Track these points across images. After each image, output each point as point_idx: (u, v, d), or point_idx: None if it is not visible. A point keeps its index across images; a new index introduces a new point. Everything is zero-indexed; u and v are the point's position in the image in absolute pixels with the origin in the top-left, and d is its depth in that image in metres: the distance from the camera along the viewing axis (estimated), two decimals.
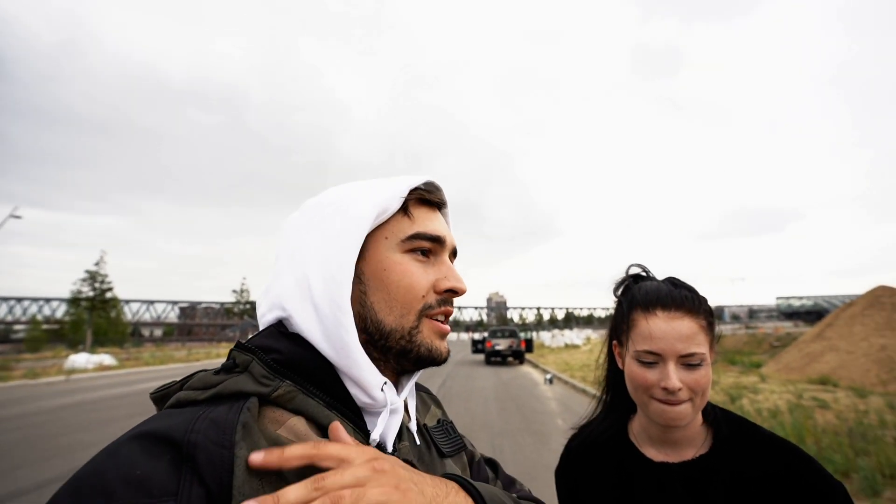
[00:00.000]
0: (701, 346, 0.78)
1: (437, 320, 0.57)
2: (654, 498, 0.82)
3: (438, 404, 0.75)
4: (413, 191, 0.59)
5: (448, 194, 0.65)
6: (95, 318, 44.44)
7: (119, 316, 52.02)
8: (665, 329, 0.78)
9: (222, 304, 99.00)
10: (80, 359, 19.44)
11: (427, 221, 0.59)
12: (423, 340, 0.56)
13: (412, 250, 0.57)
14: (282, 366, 0.50)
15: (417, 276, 0.56)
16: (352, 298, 0.54)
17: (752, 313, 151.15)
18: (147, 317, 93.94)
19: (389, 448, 0.55)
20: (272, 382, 0.48)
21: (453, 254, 0.63)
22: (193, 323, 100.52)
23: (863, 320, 12.84)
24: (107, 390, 12.53)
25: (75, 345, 36.44)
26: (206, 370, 0.52)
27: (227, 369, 0.50)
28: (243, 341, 0.54)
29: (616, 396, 0.96)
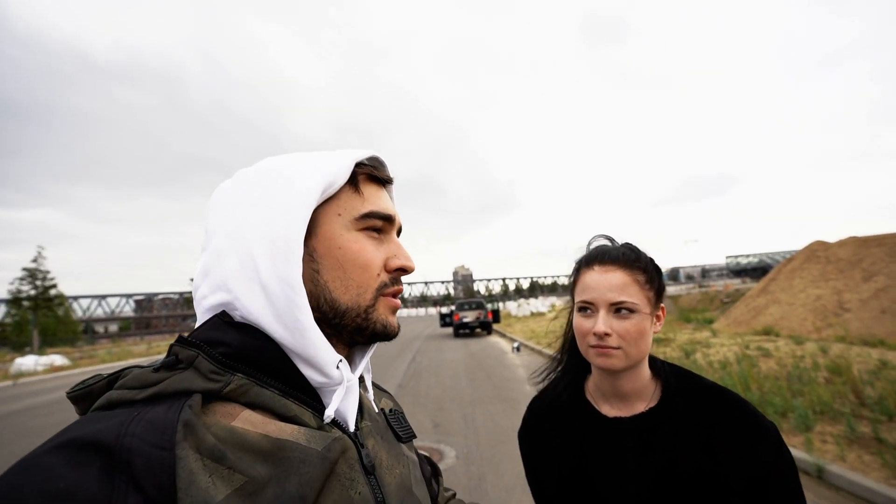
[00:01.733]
0: (632, 297, 0.83)
1: (391, 297, 0.57)
2: (609, 451, 0.86)
3: (390, 397, 0.75)
4: (361, 166, 0.57)
5: (405, 170, 0.67)
6: (41, 317, 41.75)
7: (68, 313, 49.08)
8: (598, 280, 0.85)
9: (181, 293, 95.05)
10: (27, 361, 18.23)
11: (378, 200, 0.57)
12: (379, 317, 0.55)
13: (365, 228, 0.55)
14: (231, 359, 0.47)
15: (372, 254, 0.55)
16: (303, 277, 0.52)
17: (705, 273, 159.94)
18: (100, 312, 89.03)
19: (351, 426, 0.53)
20: (222, 377, 0.46)
21: (399, 232, 0.62)
22: (151, 315, 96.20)
23: (801, 274, 13.86)
24: (60, 392, 11.89)
25: (20, 347, 34.18)
26: (140, 366, 0.47)
27: (168, 366, 0.46)
28: (182, 334, 0.50)
29: (573, 357, 1.00)
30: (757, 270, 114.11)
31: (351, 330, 0.54)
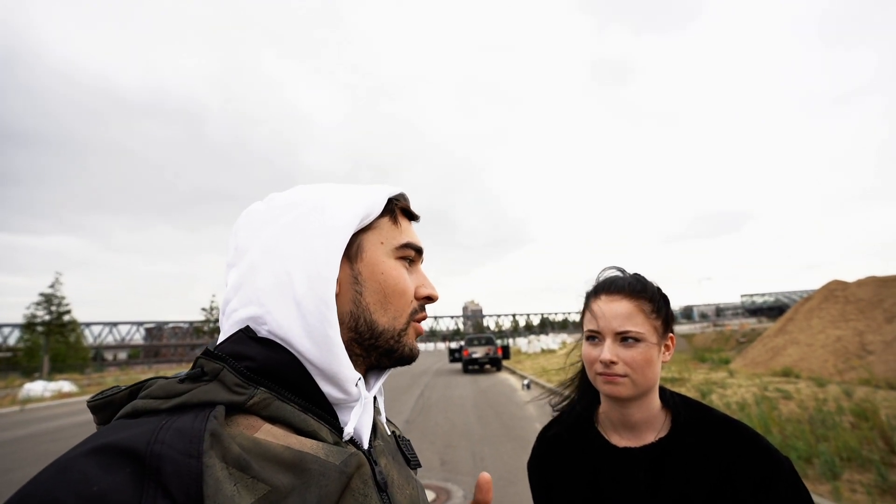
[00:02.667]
0: (638, 326, 0.85)
1: (418, 324, 0.61)
2: (618, 481, 0.86)
3: (394, 425, 0.76)
4: (398, 202, 0.62)
5: (417, 204, 0.69)
6: (53, 343, 42.08)
7: (79, 340, 49.34)
8: (604, 309, 0.88)
9: (191, 322, 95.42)
10: (35, 387, 18.28)
11: (412, 232, 0.63)
12: (408, 341, 0.59)
13: (402, 258, 0.60)
14: (255, 373, 0.49)
15: (408, 281, 0.59)
16: (345, 298, 0.55)
17: (720, 311, 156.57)
18: (110, 339, 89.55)
19: (365, 444, 0.55)
20: (246, 391, 0.47)
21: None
22: (160, 344, 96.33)
23: (819, 314, 13.52)
24: (66, 419, 11.85)
25: (30, 373, 34.30)
26: (165, 377, 0.49)
27: (193, 378, 0.48)
28: (208, 346, 0.51)
29: (584, 388, 1.01)
30: (773, 310, 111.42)
31: (382, 351, 0.57)
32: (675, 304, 0.96)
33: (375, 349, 0.57)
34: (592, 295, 0.93)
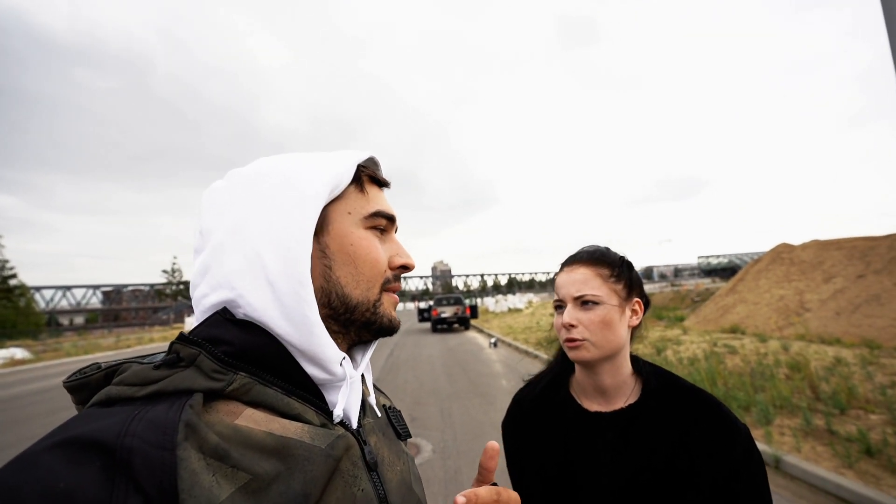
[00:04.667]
0: (594, 290, 0.90)
1: (392, 293, 0.59)
2: (588, 444, 0.90)
3: (387, 396, 0.75)
4: (363, 168, 0.59)
5: (384, 163, 0.65)
6: (0, 308, 39.87)
7: (30, 305, 46.96)
8: (565, 279, 0.94)
9: (152, 285, 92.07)
10: None
11: (381, 200, 0.60)
12: (385, 312, 0.57)
13: (372, 227, 0.57)
14: (233, 357, 0.47)
15: (380, 251, 0.57)
16: (315, 273, 0.52)
17: (678, 272, 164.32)
18: (65, 304, 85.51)
19: (354, 423, 0.54)
20: (225, 376, 0.45)
21: (395, 231, 0.64)
22: (120, 308, 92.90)
23: (767, 274, 14.42)
24: (21, 387, 11.43)
25: None
26: (139, 361, 0.47)
27: (169, 364, 0.45)
28: (188, 325, 0.49)
29: (561, 354, 1.04)
30: (726, 270, 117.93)
31: (360, 325, 0.55)
32: (638, 265, 0.99)
33: (352, 323, 0.55)
34: (560, 269, 0.98)
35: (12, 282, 42.55)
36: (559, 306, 0.94)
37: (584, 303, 0.89)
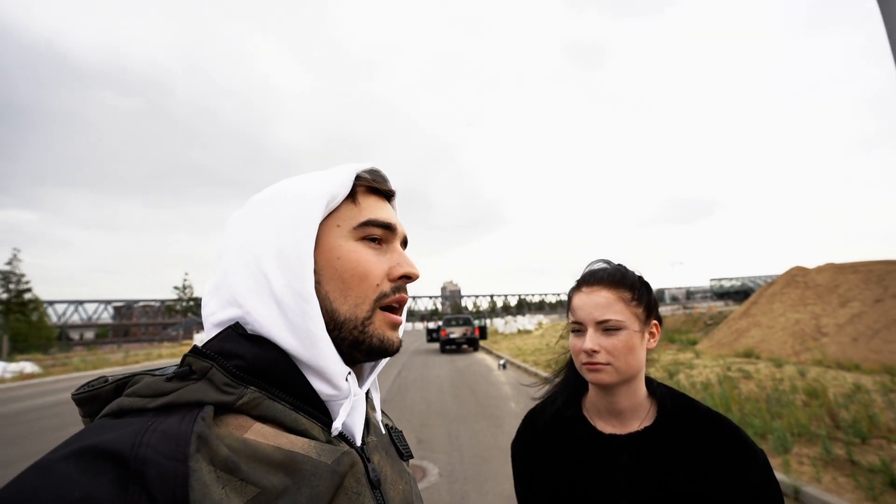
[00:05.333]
0: (617, 314, 0.87)
1: (391, 309, 0.56)
2: (603, 467, 0.88)
3: (387, 416, 0.75)
4: (361, 180, 0.58)
5: (393, 183, 0.64)
6: (13, 322, 40.41)
7: (42, 319, 47.49)
8: (585, 300, 0.90)
9: (163, 301, 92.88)
10: None
11: (376, 209, 0.57)
12: (376, 331, 0.54)
13: (365, 238, 0.55)
14: (245, 372, 0.47)
15: (372, 263, 0.54)
16: None
17: (690, 294, 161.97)
18: (76, 318, 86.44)
19: (358, 441, 0.54)
20: (236, 390, 0.46)
21: (404, 243, 0.61)
22: (130, 323, 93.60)
23: (781, 298, 14.16)
24: (29, 401, 11.49)
25: None
26: (152, 373, 0.47)
27: (181, 376, 0.46)
28: (197, 342, 0.50)
29: (572, 375, 1.02)
30: (739, 293, 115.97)
31: (349, 343, 0.53)
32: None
33: (342, 341, 0.53)
34: (575, 288, 0.95)
35: (27, 296, 43.20)
36: (578, 330, 0.91)
37: (606, 328, 0.86)
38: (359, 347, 0.53)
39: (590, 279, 0.93)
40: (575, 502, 0.88)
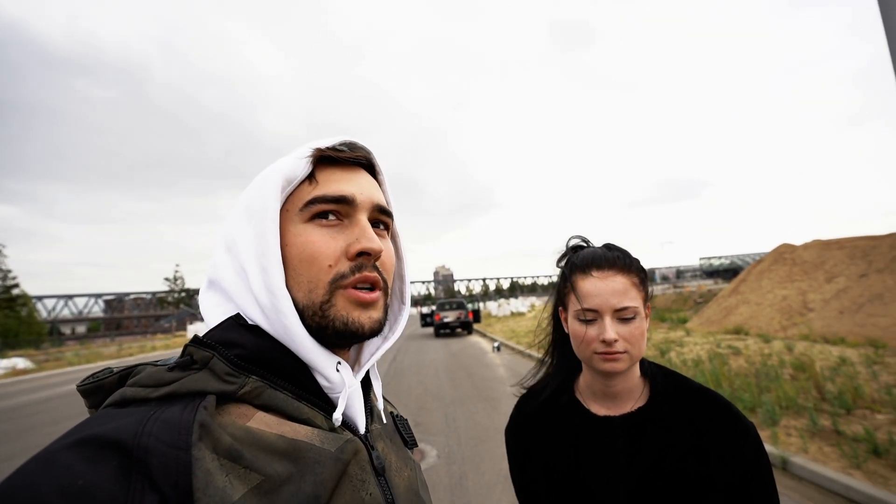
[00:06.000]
0: (633, 301, 0.84)
1: (357, 289, 0.51)
2: (599, 449, 0.88)
3: (391, 405, 0.74)
4: (319, 155, 0.53)
5: (385, 170, 0.60)
6: (2, 318, 39.94)
7: (32, 314, 47.02)
8: (600, 287, 0.85)
9: (154, 293, 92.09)
10: None
11: (333, 183, 0.52)
12: (338, 314, 0.50)
13: (315, 216, 0.51)
14: (246, 361, 0.47)
15: (320, 244, 0.50)
16: None
17: (680, 273, 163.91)
18: (66, 313, 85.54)
19: (361, 428, 0.54)
20: (237, 379, 0.46)
21: (384, 213, 0.57)
22: (122, 316, 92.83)
23: (769, 275, 14.39)
24: (23, 396, 11.43)
25: None
26: (154, 364, 0.47)
27: (182, 366, 0.46)
28: (191, 333, 0.49)
29: (562, 358, 1.01)
30: (728, 272, 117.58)
31: (315, 330, 0.50)
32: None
33: (310, 329, 0.50)
34: (580, 271, 0.88)
35: (15, 291, 42.64)
36: (590, 319, 0.85)
37: (623, 316, 0.83)
38: (325, 333, 0.51)
39: (601, 263, 0.87)
40: (571, 486, 0.88)
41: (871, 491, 3.18)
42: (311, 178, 0.53)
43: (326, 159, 0.54)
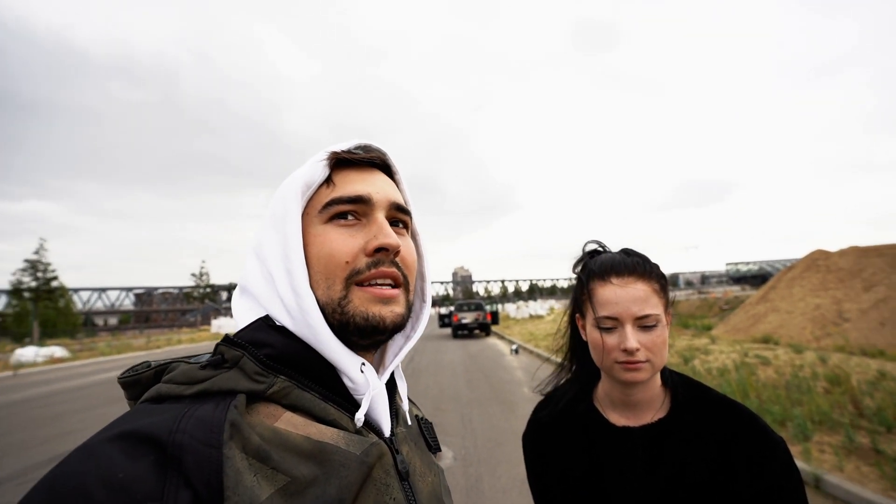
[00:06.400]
0: (655, 308, 0.82)
1: (373, 286, 0.52)
2: (618, 460, 0.86)
3: (416, 406, 0.74)
4: (337, 157, 0.55)
5: (404, 170, 0.61)
6: (42, 308, 41.88)
7: (68, 306, 49.17)
8: (620, 294, 0.82)
9: (181, 288, 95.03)
10: (27, 352, 18.23)
11: (349, 184, 0.54)
12: (357, 309, 0.51)
13: (333, 218, 0.53)
14: (275, 361, 0.49)
15: (338, 242, 0.52)
16: None
17: (705, 279, 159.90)
18: (99, 305, 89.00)
19: (386, 432, 0.54)
20: (266, 379, 0.47)
21: (402, 211, 0.57)
22: (151, 310, 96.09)
23: (801, 282, 13.86)
24: (61, 383, 11.93)
25: (20, 338, 34.21)
26: (186, 361, 0.49)
27: (214, 364, 0.48)
28: (215, 328, 0.50)
29: (580, 366, 0.99)
30: (757, 278, 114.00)
31: (337, 328, 0.51)
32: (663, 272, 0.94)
33: (332, 327, 0.51)
34: (598, 277, 0.86)
35: (54, 283, 44.63)
36: (608, 323, 0.83)
37: (645, 324, 0.81)
38: (347, 329, 0.51)
39: (620, 269, 0.85)
40: (589, 495, 0.87)
41: None
42: (328, 181, 0.55)
43: (343, 162, 0.56)
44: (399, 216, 0.57)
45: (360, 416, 0.50)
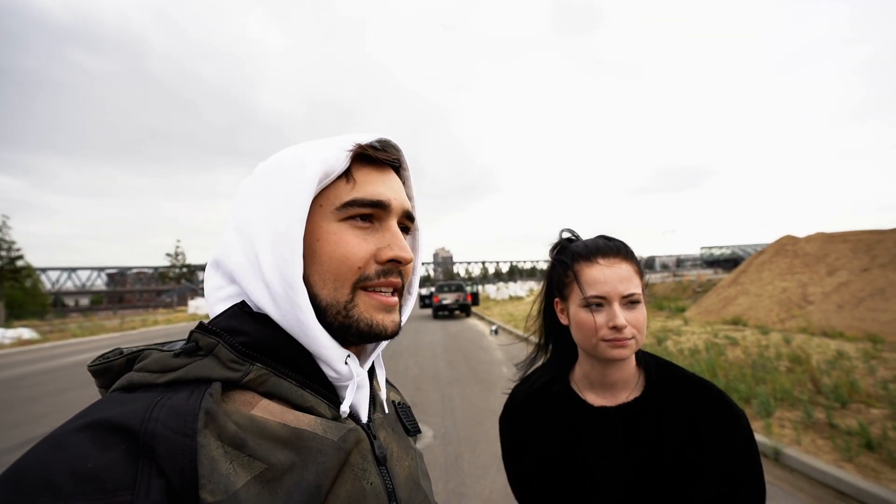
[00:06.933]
0: (637, 287, 0.86)
1: (378, 293, 0.52)
2: (594, 439, 0.88)
3: (396, 390, 0.75)
4: (359, 152, 0.53)
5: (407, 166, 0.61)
6: (7, 289, 40.26)
7: (36, 286, 47.39)
8: (608, 274, 0.86)
9: (156, 268, 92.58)
10: None
11: (370, 185, 0.53)
12: (361, 315, 0.51)
13: (350, 217, 0.52)
14: (250, 348, 0.48)
15: (353, 245, 0.51)
16: None
17: (680, 262, 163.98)
18: (70, 285, 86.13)
19: (364, 419, 0.54)
20: (242, 367, 0.46)
21: (408, 217, 0.58)
22: (125, 290, 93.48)
23: (770, 266, 14.36)
24: (29, 366, 11.58)
25: None
26: (159, 348, 0.48)
27: (188, 352, 0.47)
28: (192, 308, 0.49)
29: (557, 348, 1.02)
30: (729, 262, 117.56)
31: (336, 328, 0.51)
32: (639, 256, 0.98)
33: (329, 326, 0.51)
34: (584, 259, 0.89)
35: (19, 263, 42.85)
36: (598, 304, 0.86)
37: (630, 301, 0.85)
38: (348, 332, 0.52)
39: (606, 251, 0.89)
40: (566, 476, 0.89)
41: (861, 484, 3.22)
42: (347, 174, 0.52)
43: (361, 156, 0.54)
44: (405, 223, 0.58)
45: (344, 408, 0.50)
